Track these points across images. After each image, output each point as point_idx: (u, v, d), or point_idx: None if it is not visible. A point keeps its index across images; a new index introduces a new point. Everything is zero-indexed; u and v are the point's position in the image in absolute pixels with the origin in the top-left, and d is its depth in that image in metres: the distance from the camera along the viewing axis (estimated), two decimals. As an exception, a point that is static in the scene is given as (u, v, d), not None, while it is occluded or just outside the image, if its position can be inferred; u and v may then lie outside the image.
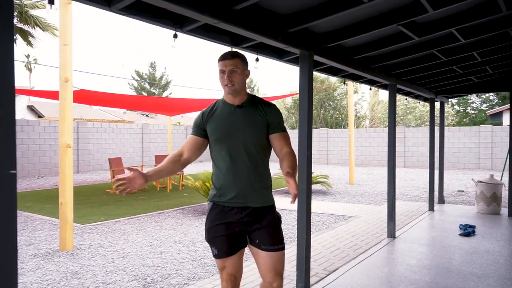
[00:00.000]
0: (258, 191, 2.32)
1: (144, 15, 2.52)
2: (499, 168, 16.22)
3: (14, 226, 1.59)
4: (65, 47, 5.02)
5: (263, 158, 2.36)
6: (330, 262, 4.58)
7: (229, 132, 2.29)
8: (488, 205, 7.14)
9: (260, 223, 2.30)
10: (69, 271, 4.36)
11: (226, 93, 2.31)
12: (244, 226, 2.32)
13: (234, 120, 2.31)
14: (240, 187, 2.29)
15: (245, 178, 2.29)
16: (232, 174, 2.29)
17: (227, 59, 2.25)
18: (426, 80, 6.26)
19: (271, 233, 2.30)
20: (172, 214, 7.60)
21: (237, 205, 2.31)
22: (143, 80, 42.56)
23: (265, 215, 2.32)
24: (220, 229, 2.31)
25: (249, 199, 2.30)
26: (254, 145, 2.29)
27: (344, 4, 2.80)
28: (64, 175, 5.06)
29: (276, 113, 2.36)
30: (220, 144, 2.31)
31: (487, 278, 3.94)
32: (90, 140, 16.97)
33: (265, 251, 2.29)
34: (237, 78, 2.27)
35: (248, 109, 2.33)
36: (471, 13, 3.40)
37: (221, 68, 2.26)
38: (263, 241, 2.29)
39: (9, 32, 1.55)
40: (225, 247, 2.30)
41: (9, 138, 1.54)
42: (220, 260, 2.34)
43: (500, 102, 27.54)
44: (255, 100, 2.39)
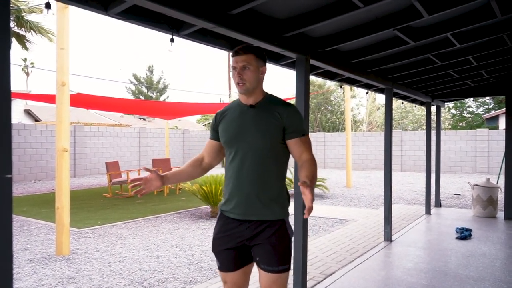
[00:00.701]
0: (263, 202, 2.07)
1: (141, 20, 2.53)
2: (495, 172, 16.27)
3: (9, 231, 1.58)
4: (62, 51, 5.02)
5: (275, 165, 2.11)
6: (327, 265, 4.58)
7: (237, 134, 2.09)
8: (485, 209, 7.16)
9: (261, 239, 2.06)
10: (65, 275, 4.34)
11: (238, 92, 2.13)
12: (247, 241, 2.10)
13: (245, 122, 2.09)
14: (243, 196, 2.08)
15: (249, 187, 2.07)
16: (236, 181, 2.09)
17: (239, 55, 2.05)
18: (422, 84, 6.29)
19: (271, 252, 2.04)
20: (169, 218, 7.58)
21: (239, 217, 2.10)
22: (140, 83, 42.55)
23: (269, 230, 2.06)
24: (224, 241, 2.13)
25: (251, 210, 2.07)
26: (264, 150, 2.06)
27: (340, 9, 2.82)
28: (60, 179, 5.04)
29: (295, 115, 2.11)
30: (228, 147, 2.13)
31: (483, 282, 3.95)
32: (87, 144, 16.94)
33: (264, 271, 2.06)
34: (249, 76, 2.05)
35: (261, 110, 2.10)
36: (466, 18, 3.43)
37: (233, 64, 2.08)
38: (262, 259, 2.06)
39: (5, 36, 1.55)
40: (227, 261, 2.13)
41: (4, 142, 1.54)
42: (222, 273, 2.17)
43: (496, 106, 27.67)
44: (271, 100, 2.15)
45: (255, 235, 2.08)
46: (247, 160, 2.07)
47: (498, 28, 3.78)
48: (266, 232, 2.06)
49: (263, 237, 2.06)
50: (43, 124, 15.98)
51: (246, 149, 2.07)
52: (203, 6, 2.46)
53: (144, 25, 2.58)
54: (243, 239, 2.10)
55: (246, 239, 2.09)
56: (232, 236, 2.11)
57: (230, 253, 2.12)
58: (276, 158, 2.10)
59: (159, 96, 43.27)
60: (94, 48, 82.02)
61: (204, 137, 23.71)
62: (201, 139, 23.39)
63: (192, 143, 22.63)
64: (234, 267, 2.12)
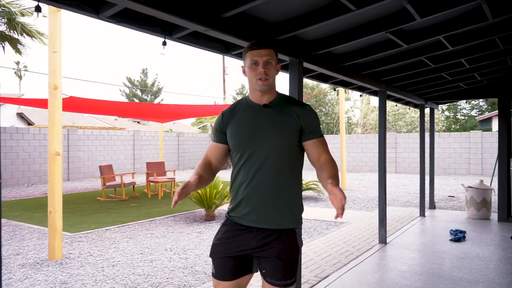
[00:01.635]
0: (278, 209, 1.94)
1: (133, 23, 2.52)
2: (489, 173, 16.36)
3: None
4: (54, 54, 4.99)
5: (291, 169, 1.98)
6: (321, 268, 4.57)
7: (251, 136, 1.94)
8: (478, 210, 7.19)
9: (271, 252, 1.93)
10: (57, 280, 4.30)
11: (256, 89, 1.96)
12: (251, 251, 1.97)
13: (259, 122, 1.95)
14: (257, 202, 1.94)
15: (265, 192, 1.93)
16: (250, 186, 1.94)
17: (263, 48, 1.91)
18: (415, 87, 6.32)
19: (280, 266, 1.92)
20: (163, 221, 7.54)
21: (249, 224, 1.97)
22: (134, 87, 42.45)
23: (280, 241, 1.94)
24: (225, 248, 1.99)
25: (265, 218, 1.94)
26: (281, 152, 1.93)
27: (333, 12, 2.82)
28: (53, 183, 5.00)
29: (312, 116, 2.00)
30: (239, 149, 1.97)
31: (477, 284, 3.95)
32: (80, 147, 16.84)
33: (270, 284, 1.95)
34: (272, 72, 1.94)
35: (276, 110, 1.97)
36: (458, 21, 3.44)
37: (255, 58, 1.91)
38: (269, 273, 1.94)
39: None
40: (223, 269, 1.99)
41: (-7, 147, 1.52)
42: (215, 281, 2.03)
43: (490, 108, 27.86)
44: (285, 99, 2.03)
45: (263, 246, 1.95)
46: (262, 163, 1.93)
47: (490, 30, 3.80)
48: (276, 244, 1.94)
49: (272, 250, 1.93)
50: (36, 128, 15.88)
51: (261, 151, 1.92)
52: (195, 9, 2.45)
53: (136, 28, 2.57)
54: (247, 248, 1.97)
55: (252, 248, 1.96)
56: (236, 243, 1.98)
57: (229, 262, 1.98)
58: (292, 161, 1.98)
59: (153, 99, 43.19)
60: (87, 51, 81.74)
61: (199, 140, 23.66)
62: (196, 142, 23.34)
63: (187, 146, 22.58)
64: (230, 277, 1.98)
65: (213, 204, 7.64)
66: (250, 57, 1.93)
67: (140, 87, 42.48)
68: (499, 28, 3.76)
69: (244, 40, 2.81)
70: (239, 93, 42.22)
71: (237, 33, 2.75)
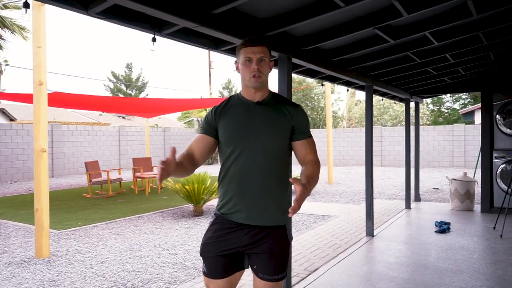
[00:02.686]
0: (269, 206, 1.96)
1: (122, 19, 2.50)
2: (472, 166, 16.69)
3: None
4: (39, 49, 4.91)
5: (282, 166, 1.99)
6: (310, 262, 4.63)
7: (243, 132, 1.94)
8: (462, 202, 7.34)
9: (262, 248, 1.96)
10: (45, 279, 4.26)
11: (249, 86, 1.96)
12: (243, 248, 1.98)
13: (251, 119, 1.95)
14: (248, 200, 1.95)
15: (256, 190, 1.94)
16: (240, 182, 1.95)
17: (256, 45, 1.92)
18: (401, 81, 6.40)
19: (272, 261, 1.95)
20: (151, 217, 7.52)
21: (240, 221, 1.97)
22: (119, 81, 41.94)
23: (271, 238, 1.96)
24: (216, 247, 1.99)
25: (255, 215, 1.96)
26: (273, 150, 1.94)
27: (322, 8, 2.84)
28: (39, 180, 4.94)
29: (303, 116, 2.02)
30: (231, 145, 1.96)
31: (462, 274, 4.05)
32: (65, 143, 16.61)
33: (261, 280, 1.97)
34: (266, 69, 1.95)
35: (269, 108, 1.98)
36: (443, 17, 3.50)
37: (248, 55, 1.92)
38: (261, 269, 1.96)
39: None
40: (215, 268, 1.98)
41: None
42: (207, 279, 2.02)
43: (472, 101, 28.34)
44: (278, 98, 2.05)
45: (254, 243, 1.96)
46: (254, 160, 1.93)
47: (474, 26, 3.87)
48: (267, 240, 1.96)
49: (263, 246, 1.95)
50: (19, 124, 15.59)
51: (253, 149, 1.92)
52: (185, 5, 2.44)
53: (126, 24, 2.55)
54: (239, 245, 1.97)
55: (243, 245, 1.97)
56: (227, 242, 1.98)
57: (220, 260, 1.98)
58: (282, 159, 2.00)
59: (138, 94, 42.72)
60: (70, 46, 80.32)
61: (186, 134, 23.56)
62: (183, 137, 23.22)
63: (173, 141, 22.45)
64: (222, 275, 1.98)
65: (201, 199, 7.64)
66: (243, 54, 1.94)
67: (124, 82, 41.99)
68: (483, 24, 3.83)
69: (234, 37, 2.81)
70: (225, 88, 42.09)
71: (227, 30, 2.75)
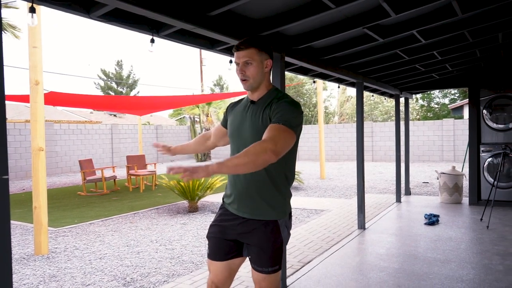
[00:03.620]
0: (255, 201, 2.03)
1: (122, 22, 2.60)
2: (461, 160, 16.99)
3: (7, 229, 1.66)
4: (34, 49, 4.97)
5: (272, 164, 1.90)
6: (304, 254, 4.77)
7: (236, 130, 2.09)
8: (451, 195, 7.54)
9: (252, 240, 2.06)
10: (46, 274, 4.36)
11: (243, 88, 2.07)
12: (239, 236, 2.10)
13: (244, 118, 2.07)
14: (238, 193, 2.08)
15: (243, 184, 2.05)
16: (233, 177, 2.09)
17: (240, 50, 1.98)
18: (391, 78, 6.56)
19: (261, 254, 2.03)
20: (146, 214, 7.61)
21: (233, 211, 2.11)
22: (109, 79, 41.73)
23: (261, 231, 2.03)
24: (218, 230, 2.15)
25: (244, 208, 2.06)
26: None
27: (313, 10, 2.97)
28: (37, 179, 5.02)
29: (280, 105, 1.94)
30: (230, 141, 2.16)
31: (449, 263, 4.22)
32: (57, 142, 16.59)
33: (254, 270, 2.09)
34: (253, 72, 1.98)
35: (258, 106, 2.05)
36: (430, 16, 3.65)
37: (235, 60, 2.02)
38: (253, 260, 2.08)
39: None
40: (215, 249, 2.14)
41: (1, 144, 1.61)
42: (208, 261, 2.18)
43: (461, 96, 28.72)
44: (271, 95, 2.06)
45: (247, 233, 2.06)
46: None
47: (459, 25, 4.03)
48: (258, 232, 2.03)
49: (254, 238, 2.04)
50: (11, 123, 15.53)
51: (241, 145, 2.00)
52: (183, 8, 2.55)
53: (125, 26, 2.65)
54: (235, 232, 2.10)
55: (238, 233, 2.09)
56: (226, 228, 2.12)
57: (222, 242, 2.13)
58: None
59: (129, 92, 42.58)
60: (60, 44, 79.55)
61: (178, 132, 23.61)
62: (175, 135, 23.28)
63: (166, 138, 22.49)
64: (222, 257, 2.12)
65: (196, 195, 7.75)
66: (234, 59, 2.05)
67: (115, 80, 41.80)
68: (468, 23, 3.99)
69: (229, 37, 2.93)
70: (216, 84, 42.10)
71: (222, 31, 2.86)
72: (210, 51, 3.48)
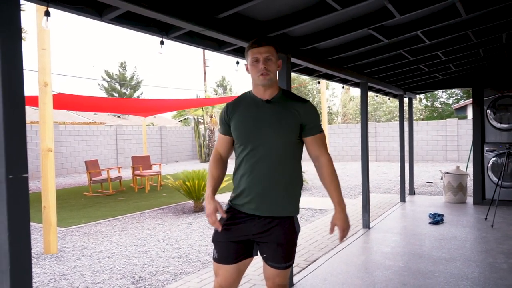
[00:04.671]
0: (277, 199, 2.09)
1: (133, 24, 2.66)
2: (464, 160, 16.97)
3: (27, 225, 1.72)
4: (43, 51, 5.04)
5: (291, 161, 2.12)
6: (310, 253, 4.82)
7: (253, 129, 2.06)
8: (455, 195, 7.57)
9: (271, 237, 2.09)
10: (56, 273, 4.42)
11: (258, 84, 2.07)
12: (253, 236, 2.12)
13: (261, 116, 2.06)
14: (258, 192, 2.08)
15: (265, 183, 2.07)
16: (252, 176, 2.08)
17: (262, 46, 2.04)
18: (395, 78, 6.60)
19: (280, 250, 2.09)
20: (152, 214, 7.68)
21: (250, 212, 2.11)
22: (113, 80, 41.90)
23: (279, 228, 2.09)
24: (228, 234, 2.13)
25: (264, 206, 2.08)
26: (281, 146, 2.06)
27: (319, 11, 3.02)
28: (46, 179, 5.09)
29: (312, 111, 2.11)
30: (242, 142, 2.10)
31: (454, 261, 4.26)
32: (62, 143, 16.70)
33: (271, 267, 2.13)
34: (273, 67, 2.05)
35: (278, 105, 2.08)
36: (434, 17, 3.70)
37: (255, 55, 2.03)
38: (270, 257, 2.11)
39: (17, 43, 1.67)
40: (226, 253, 2.13)
41: (21, 145, 1.67)
42: (216, 265, 2.16)
43: (465, 96, 28.67)
44: (287, 95, 2.15)
45: (264, 232, 2.09)
46: (264, 156, 2.05)
47: (463, 26, 4.07)
48: (275, 230, 2.08)
49: (272, 236, 2.08)
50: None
51: (263, 145, 2.04)
52: (192, 11, 2.61)
53: (136, 29, 2.71)
54: (249, 233, 2.11)
55: (253, 234, 2.11)
56: (238, 230, 2.12)
57: (232, 246, 2.12)
58: (292, 154, 2.11)
59: (132, 93, 42.73)
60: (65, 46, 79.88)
61: (182, 133, 23.70)
62: (179, 135, 23.37)
63: (170, 139, 22.59)
64: (232, 261, 2.12)
65: (201, 196, 7.81)
66: (251, 55, 2.05)
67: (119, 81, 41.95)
68: (472, 23, 4.03)
69: (237, 39, 2.99)
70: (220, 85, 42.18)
71: (231, 32, 2.92)
72: (217, 52, 3.54)
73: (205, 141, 22.52)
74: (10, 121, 1.62)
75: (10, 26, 1.62)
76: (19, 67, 1.67)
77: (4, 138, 1.60)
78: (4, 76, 1.60)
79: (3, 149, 1.61)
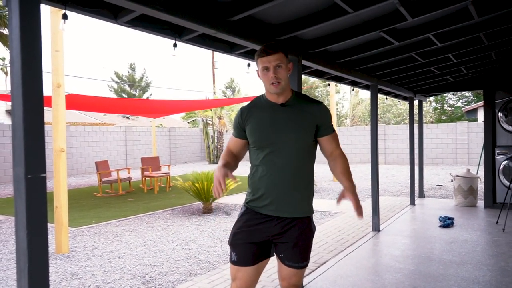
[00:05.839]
0: (297, 199, 2.14)
1: (147, 26, 2.70)
2: (475, 163, 16.82)
3: (45, 223, 1.76)
4: (57, 53, 5.12)
5: (307, 162, 2.18)
6: (319, 255, 4.82)
7: (271, 133, 2.09)
8: (466, 198, 7.51)
9: (290, 237, 2.13)
10: (67, 272, 4.48)
11: (271, 92, 2.11)
12: (272, 237, 2.15)
13: (278, 120, 2.10)
14: (277, 194, 2.11)
15: (285, 185, 2.11)
16: (270, 178, 2.11)
17: (271, 54, 2.04)
18: (405, 81, 6.58)
19: (298, 251, 2.14)
20: (162, 215, 7.73)
21: (269, 213, 2.14)
22: (122, 81, 42.20)
23: (298, 228, 2.14)
24: (247, 235, 2.15)
25: (284, 207, 2.12)
26: (299, 148, 2.11)
27: (331, 14, 3.03)
28: (58, 179, 5.15)
29: (326, 113, 2.18)
30: (260, 145, 2.13)
31: (465, 265, 4.24)
32: (73, 144, 16.86)
33: (288, 267, 2.17)
34: (283, 74, 2.07)
35: (293, 108, 2.13)
36: (446, 20, 3.69)
37: (264, 64, 2.06)
38: (288, 257, 2.15)
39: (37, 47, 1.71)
40: (245, 255, 2.14)
41: (40, 145, 1.71)
42: (235, 268, 2.16)
43: (475, 99, 28.43)
44: (300, 97, 2.20)
45: (283, 233, 2.13)
46: (282, 158, 2.09)
47: (475, 28, 4.05)
48: (294, 230, 2.13)
49: (290, 236, 2.13)
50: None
51: (281, 148, 2.08)
52: (206, 14, 2.64)
53: (149, 31, 2.75)
54: (269, 234, 2.14)
55: (272, 235, 2.14)
56: (258, 231, 2.14)
57: (251, 247, 2.13)
58: (308, 155, 2.17)
59: (142, 94, 43.01)
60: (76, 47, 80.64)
61: (191, 134, 23.79)
62: (187, 137, 23.46)
63: (179, 140, 22.69)
64: (251, 262, 2.13)
65: (210, 197, 7.84)
66: (261, 64, 2.08)
67: (128, 82, 42.24)
68: (484, 26, 4.01)
69: (249, 41, 3.01)
70: (228, 87, 42.30)
71: (243, 35, 2.95)
72: (229, 55, 3.57)
73: (214, 143, 22.58)
74: (29, 122, 1.66)
75: (32, 30, 1.65)
76: (38, 70, 1.70)
77: (23, 138, 1.64)
78: (25, 78, 1.64)
79: (22, 149, 1.64)
